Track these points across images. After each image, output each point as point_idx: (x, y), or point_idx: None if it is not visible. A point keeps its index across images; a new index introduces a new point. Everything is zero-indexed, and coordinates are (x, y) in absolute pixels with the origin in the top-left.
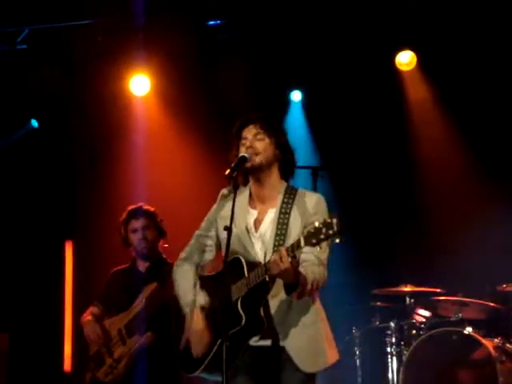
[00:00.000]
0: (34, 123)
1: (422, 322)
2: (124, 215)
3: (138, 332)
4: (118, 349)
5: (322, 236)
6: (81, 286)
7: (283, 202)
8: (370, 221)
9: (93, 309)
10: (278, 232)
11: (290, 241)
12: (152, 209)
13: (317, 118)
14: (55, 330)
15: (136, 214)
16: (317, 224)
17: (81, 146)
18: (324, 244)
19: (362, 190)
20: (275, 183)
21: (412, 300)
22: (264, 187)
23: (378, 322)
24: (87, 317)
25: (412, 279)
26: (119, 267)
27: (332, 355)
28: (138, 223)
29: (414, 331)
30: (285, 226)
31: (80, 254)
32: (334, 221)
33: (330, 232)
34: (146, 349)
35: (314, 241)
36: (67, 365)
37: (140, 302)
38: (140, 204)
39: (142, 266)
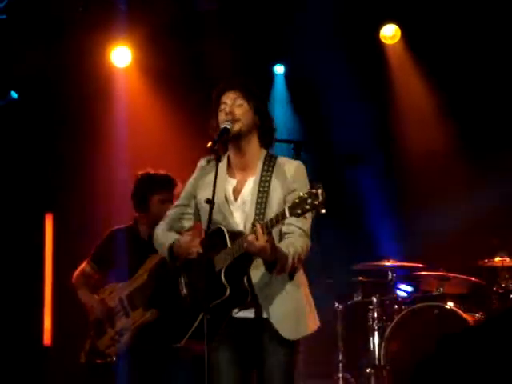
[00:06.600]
0: (14, 94)
1: (403, 297)
2: (156, 178)
3: (141, 306)
4: (120, 320)
5: (308, 206)
6: (61, 258)
7: (263, 170)
8: (353, 195)
9: (85, 267)
10: (259, 200)
11: (271, 209)
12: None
13: (300, 91)
14: (35, 304)
15: (171, 184)
16: (301, 194)
17: (62, 118)
18: (307, 214)
19: (344, 165)
20: (254, 151)
21: (394, 275)
22: (243, 155)
23: (360, 297)
24: (80, 280)
25: (394, 254)
26: (118, 227)
27: (313, 323)
28: (171, 195)
29: (396, 306)
30: (265, 195)
31: (60, 227)
32: (320, 191)
33: (316, 202)
34: (148, 324)
35: (299, 211)
36: (47, 338)
37: (143, 273)
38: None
39: (144, 232)
